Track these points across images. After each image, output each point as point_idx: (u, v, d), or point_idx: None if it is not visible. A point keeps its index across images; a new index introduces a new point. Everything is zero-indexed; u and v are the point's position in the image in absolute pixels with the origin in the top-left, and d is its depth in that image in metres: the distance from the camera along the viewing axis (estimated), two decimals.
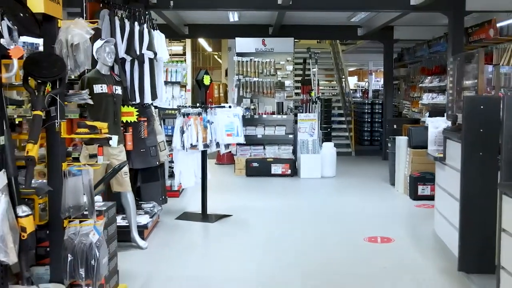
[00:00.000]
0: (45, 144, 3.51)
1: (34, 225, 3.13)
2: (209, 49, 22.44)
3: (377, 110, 15.05)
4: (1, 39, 2.96)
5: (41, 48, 4.24)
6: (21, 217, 2.99)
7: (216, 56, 25.22)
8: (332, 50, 15.34)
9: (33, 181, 3.35)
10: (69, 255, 3.45)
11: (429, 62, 10.78)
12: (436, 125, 5.59)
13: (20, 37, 3.17)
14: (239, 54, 10.29)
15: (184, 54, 19.61)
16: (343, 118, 13.94)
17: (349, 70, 26.32)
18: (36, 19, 3.18)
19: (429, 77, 10.39)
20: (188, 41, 18.46)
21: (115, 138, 4.13)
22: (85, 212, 3.57)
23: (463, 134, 4.42)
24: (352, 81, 27.31)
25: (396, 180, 8.26)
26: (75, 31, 3.43)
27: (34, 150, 3.17)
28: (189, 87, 13.70)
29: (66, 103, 3.52)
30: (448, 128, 5.06)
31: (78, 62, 3.45)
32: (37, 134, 3.20)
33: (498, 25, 8.36)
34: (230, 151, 8.37)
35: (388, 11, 8.95)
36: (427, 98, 10.00)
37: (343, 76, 15.09)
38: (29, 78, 3.28)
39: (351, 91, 22.33)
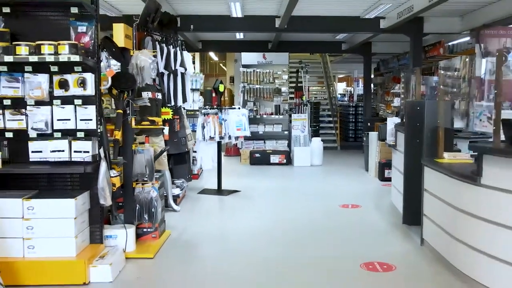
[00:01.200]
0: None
1: (119, 183, 4.51)
2: (215, 58, 23.70)
3: (360, 112, 16.20)
4: (101, 64, 4.34)
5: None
6: (112, 177, 4.36)
7: (221, 65, 26.40)
8: (322, 61, 16.55)
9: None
10: (137, 205, 4.82)
11: (398, 72, 12.11)
12: (393, 122, 6.96)
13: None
14: (244, 66, 11.64)
15: (193, 62, 20.80)
16: (331, 118, 15.24)
17: (339, 76, 27.48)
18: (120, 50, 4.56)
19: (398, 84, 11.69)
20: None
21: (167, 129, 5.51)
22: (145, 178, 4.96)
23: (406, 127, 5.77)
24: (342, 87, 28.50)
25: (369, 166, 9.61)
26: (141, 57, 4.81)
27: (118, 135, 4.55)
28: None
29: (135, 105, 4.89)
30: (398, 124, 6.43)
31: (143, 78, 4.83)
32: (119, 125, 4.58)
33: (450, 43, 9.74)
34: (236, 144, 9.74)
35: (363, 33, 10.30)
36: (397, 102, 11.26)
37: (331, 83, 16.36)
38: (113, 88, 4.66)
39: (341, 95, 23.61)
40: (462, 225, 4.06)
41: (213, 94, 11.10)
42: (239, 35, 11.50)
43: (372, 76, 15.10)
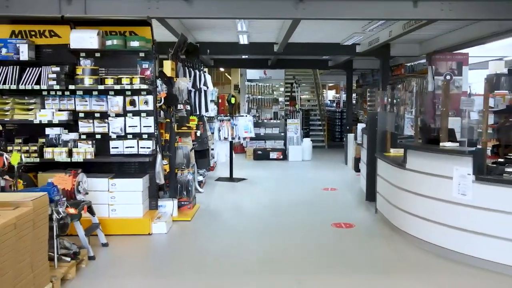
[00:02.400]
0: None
1: (168, 169, 6.07)
2: (222, 68, 25.12)
3: (345, 116, 17.73)
4: (157, 89, 5.89)
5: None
6: (164, 164, 5.93)
7: (226, 74, 27.78)
8: (312, 73, 18.01)
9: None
10: (178, 185, 6.39)
11: (373, 85, 13.65)
12: (361, 126, 8.51)
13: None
14: (248, 80, 13.18)
15: None
16: (320, 122, 16.75)
17: (329, 85, 29.02)
18: (168, 79, 6.13)
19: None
20: None
21: (199, 131, 7.09)
22: (183, 166, 6.52)
23: (368, 130, 7.33)
24: (332, 94, 30.00)
25: (347, 160, 11.17)
26: (181, 83, 6.37)
27: (167, 136, 6.11)
28: None
29: (176, 116, 6.46)
30: (364, 128, 7.99)
31: (183, 97, 6.39)
32: (168, 129, 6.15)
33: (412, 63, 11.28)
34: (242, 143, 11.27)
35: (342, 56, 11.83)
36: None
37: (320, 92, 17.84)
38: (163, 104, 6.20)
39: (331, 101, 25.07)
40: (397, 196, 5.62)
41: (219, 100, 12.64)
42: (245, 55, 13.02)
43: (354, 87, 16.58)
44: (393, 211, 5.72)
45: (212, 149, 9.59)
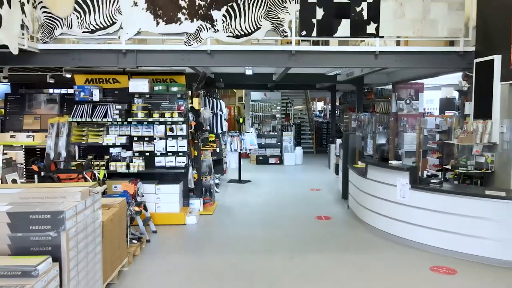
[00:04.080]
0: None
1: (197, 177, 7.30)
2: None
3: (331, 126, 18.96)
4: (189, 119, 7.12)
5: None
6: (194, 173, 7.17)
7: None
8: (304, 90, 19.28)
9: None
10: (203, 188, 7.62)
11: (351, 104, 14.86)
12: (339, 142, 9.72)
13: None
14: (252, 101, 14.39)
15: None
16: (310, 132, 17.97)
17: (318, 97, 30.22)
18: (196, 111, 7.36)
19: (351, 113, 14.41)
20: None
21: (218, 148, 8.32)
22: (206, 174, 7.74)
23: (343, 145, 8.55)
24: (320, 105, 31.17)
25: (330, 165, 12.39)
26: (205, 113, 7.60)
27: (195, 153, 7.34)
28: None
29: (202, 137, 7.68)
30: (341, 143, 9.20)
31: (206, 123, 7.62)
32: (196, 148, 7.39)
33: (381, 87, 12.47)
34: (246, 152, 12.45)
35: (327, 83, 13.06)
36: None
37: (310, 106, 19.04)
38: (193, 129, 7.42)
39: (319, 111, 26.26)
40: (361, 197, 6.85)
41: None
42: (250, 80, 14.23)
43: (338, 103, 17.79)
44: (359, 207, 6.95)
45: (225, 157, 10.80)
